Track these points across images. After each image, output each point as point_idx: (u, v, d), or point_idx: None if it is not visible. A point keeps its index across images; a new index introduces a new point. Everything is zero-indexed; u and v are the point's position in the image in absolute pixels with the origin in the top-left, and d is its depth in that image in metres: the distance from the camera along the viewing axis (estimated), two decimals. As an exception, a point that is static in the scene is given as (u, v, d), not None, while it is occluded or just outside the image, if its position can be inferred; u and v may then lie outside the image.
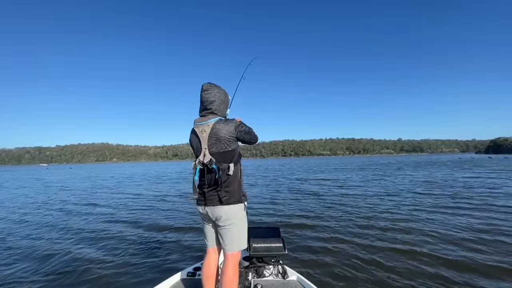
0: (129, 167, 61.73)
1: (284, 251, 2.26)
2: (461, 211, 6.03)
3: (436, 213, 5.86)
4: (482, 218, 5.28)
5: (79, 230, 5.18)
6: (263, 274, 2.26)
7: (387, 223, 5.14)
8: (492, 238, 4.09)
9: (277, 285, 2.15)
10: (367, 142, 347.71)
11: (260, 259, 2.28)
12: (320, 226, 5.07)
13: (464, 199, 7.50)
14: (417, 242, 4.05)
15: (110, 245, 4.18)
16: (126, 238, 4.53)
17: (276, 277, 2.26)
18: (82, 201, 9.21)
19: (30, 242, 4.46)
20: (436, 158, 55.36)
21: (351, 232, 4.63)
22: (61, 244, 4.27)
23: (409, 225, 4.96)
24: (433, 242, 4.01)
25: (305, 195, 9.30)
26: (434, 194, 8.70)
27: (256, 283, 2.08)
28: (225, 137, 1.65)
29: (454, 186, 10.53)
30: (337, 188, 11.01)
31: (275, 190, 10.96)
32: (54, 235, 4.90)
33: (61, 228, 5.40)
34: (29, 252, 3.96)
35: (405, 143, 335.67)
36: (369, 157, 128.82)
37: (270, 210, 6.76)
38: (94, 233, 4.89)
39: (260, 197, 9.03)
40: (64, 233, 5.01)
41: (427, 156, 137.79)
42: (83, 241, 4.47)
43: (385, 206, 6.78)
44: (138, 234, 4.77)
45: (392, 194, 8.81)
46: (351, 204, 7.23)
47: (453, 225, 4.85)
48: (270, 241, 2.28)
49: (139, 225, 5.45)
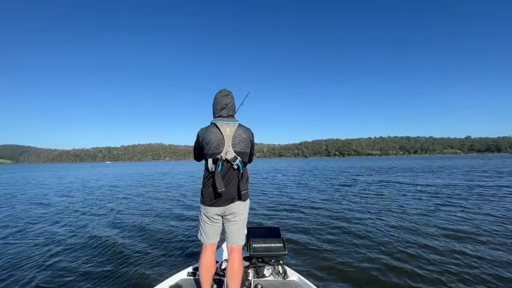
0: (165, 165, 66.88)
1: (284, 251, 2.27)
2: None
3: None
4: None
5: (78, 230, 5.07)
6: (263, 274, 2.28)
7: (390, 224, 4.98)
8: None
9: (277, 285, 2.16)
10: (425, 140, 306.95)
11: (260, 259, 2.33)
12: (321, 227, 4.93)
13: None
14: (418, 242, 3.96)
15: (110, 245, 4.09)
16: (126, 238, 4.47)
17: (276, 277, 2.27)
18: (88, 199, 9.36)
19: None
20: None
21: (352, 233, 4.53)
22: (61, 244, 4.27)
23: (413, 225, 4.74)
24: (434, 240, 3.58)
25: (306, 195, 9.05)
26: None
27: (256, 283, 2.11)
28: (246, 140, 1.83)
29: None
30: (336, 189, 10.49)
31: (280, 190, 10.76)
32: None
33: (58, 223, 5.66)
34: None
35: (475, 141, 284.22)
36: (427, 158, 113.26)
37: (271, 210, 6.68)
38: (94, 234, 4.76)
39: (262, 197, 8.96)
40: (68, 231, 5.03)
41: (509, 156, 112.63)
42: (83, 241, 4.37)
43: (388, 204, 6.03)
44: (138, 234, 4.71)
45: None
46: (353, 206, 6.91)
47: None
48: (270, 241, 2.31)
49: (139, 225, 5.33)
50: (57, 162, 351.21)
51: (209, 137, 1.75)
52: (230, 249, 1.87)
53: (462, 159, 59.77)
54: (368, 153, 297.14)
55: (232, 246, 1.86)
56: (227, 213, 1.81)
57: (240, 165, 1.77)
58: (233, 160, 1.73)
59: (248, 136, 1.85)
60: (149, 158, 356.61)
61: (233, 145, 1.76)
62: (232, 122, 1.82)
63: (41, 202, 8.83)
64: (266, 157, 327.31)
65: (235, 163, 1.74)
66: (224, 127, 1.77)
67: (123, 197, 9.84)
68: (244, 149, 1.81)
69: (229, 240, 1.87)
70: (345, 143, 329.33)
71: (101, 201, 8.90)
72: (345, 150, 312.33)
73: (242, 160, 1.79)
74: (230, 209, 1.79)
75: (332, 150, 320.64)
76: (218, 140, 1.75)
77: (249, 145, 1.86)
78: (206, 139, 1.76)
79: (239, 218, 1.84)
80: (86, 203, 8.38)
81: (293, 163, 65.06)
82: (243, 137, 1.81)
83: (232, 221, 1.83)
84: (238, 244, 1.86)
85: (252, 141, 1.90)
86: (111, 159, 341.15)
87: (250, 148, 1.87)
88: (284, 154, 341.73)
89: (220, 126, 1.77)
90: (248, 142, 1.84)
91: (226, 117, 1.85)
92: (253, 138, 1.91)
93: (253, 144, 1.92)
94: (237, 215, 1.82)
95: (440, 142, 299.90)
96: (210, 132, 1.76)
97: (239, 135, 1.80)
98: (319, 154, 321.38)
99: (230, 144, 1.75)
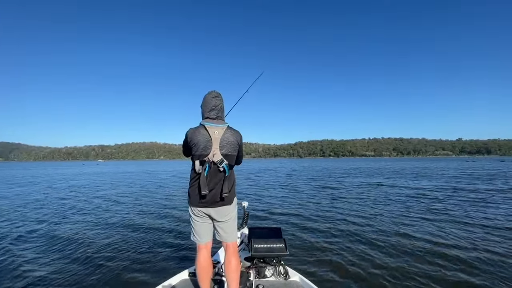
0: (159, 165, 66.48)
1: (285, 251, 2.28)
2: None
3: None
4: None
5: (77, 228, 5.08)
6: (265, 275, 2.29)
7: (391, 226, 4.99)
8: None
9: (279, 286, 2.17)
10: (418, 142, 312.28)
11: (261, 259, 2.33)
12: (322, 227, 4.95)
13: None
14: (419, 243, 3.99)
15: (110, 245, 4.08)
16: (126, 238, 4.45)
17: (277, 278, 2.28)
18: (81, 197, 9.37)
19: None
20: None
21: (353, 233, 4.54)
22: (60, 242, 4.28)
23: (411, 229, 4.75)
24: (435, 240, 3.62)
25: (307, 196, 9.10)
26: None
27: (257, 284, 2.11)
28: (234, 143, 1.84)
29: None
30: (339, 190, 10.58)
31: (279, 191, 10.78)
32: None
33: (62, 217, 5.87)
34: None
35: (466, 143, 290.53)
36: (420, 159, 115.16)
37: (271, 210, 6.69)
38: (93, 234, 4.71)
39: (263, 197, 8.98)
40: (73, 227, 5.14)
41: (498, 158, 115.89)
42: (83, 240, 4.33)
43: (389, 210, 6.17)
44: (138, 235, 4.67)
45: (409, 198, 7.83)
46: (355, 207, 6.95)
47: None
48: (271, 242, 2.31)
49: (139, 225, 5.29)
50: (49, 160, 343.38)
51: (197, 138, 1.76)
52: (225, 246, 1.90)
53: (452, 161, 60.78)
54: (363, 154, 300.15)
55: (227, 243, 1.89)
56: (215, 214, 1.82)
57: (226, 167, 1.78)
58: (220, 162, 1.74)
59: (236, 139, 1.85)
60: (143, 157, 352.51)
61: (221, 148, 1.77)
62: (221, 124, 1.82)
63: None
64: (261, 157, 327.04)
65: (221, 166, 1.75)
66: (213, 129, 1.78)
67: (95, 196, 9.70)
68: (231, 152, 1.82)
69: (221, 238, 1.90)
70: (339, 144, 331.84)
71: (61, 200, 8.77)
72: (340, 150, 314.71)
73: (228, 163, 1.79)
74: (219, 211, 1.81)
75: (326, 151, 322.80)
76: (206, 142, 1.75)
77: (236, 148, 1.86)
78: (194, 140, 1.76)
79: (228, 218, 1.86)
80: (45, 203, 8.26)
81: (285, 163, 65.17)
82: (230, 140, 1.82)
83: (221, 221, 1.85)
84: (231, 241, 1.90)
85: (240, 144, 1.91)
86: (104, 158, 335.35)
87: (237, 151, 1.88)
88: (279, 154, 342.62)
89: (208, 128, 1.77)
90: (235, 145, 1.85)
91: (215, 119, 1.85)
92: (241, 141, 1.91)
93: (241, 147, 1.93)
94: (224, 215, 1.84)
95: (432, 144, 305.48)
96: (199, 134, 1.77)
97: (227, 138, 1.80)
98: (314, 155, 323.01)
99: (218, 146, 1.76)
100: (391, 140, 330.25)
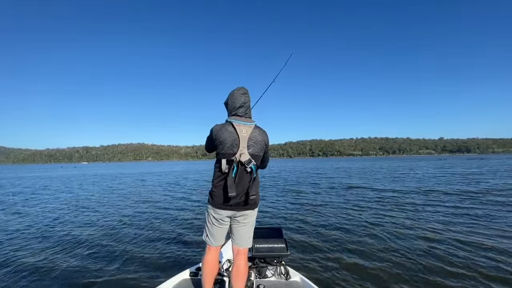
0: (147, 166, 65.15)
1: (286, 251, 2.27)
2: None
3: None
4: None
5: (80, 228, 5.04)
6: (266, 275, 2.28)
7: (392, 226, 4.98)
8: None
9: (280, 286, 2.16)
10: (403, 141, 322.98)
11: (262, 259, 2.32)
12: (323, 228, 4.96)
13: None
14: (419, 243, 3.98)
15: (111, 245, 4.08)
16: (127, 238, 4.44)
17: (278, 278, 2.27)
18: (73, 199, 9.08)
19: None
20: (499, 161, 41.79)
21: (354, 234, 4.53)
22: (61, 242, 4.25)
23: (412, 228, 4.76)
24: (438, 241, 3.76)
25: (309, 196, 9.11)
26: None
27: (258, 284, 2.10)
28: (261, 143, 1.75)
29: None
30: (339, 190, 10.61)
31: (280, 191, 10.76)
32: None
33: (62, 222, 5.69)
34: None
35: (448, 142, 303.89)
36: (405, 158, 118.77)
37: (272, 210, 6.69)
38: (95, 233, 4.73)
39: (263, 197, 8.96)
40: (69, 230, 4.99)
41: (476, 156, 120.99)
42: (82, 240, 4.35)
43: (389, 210, 6.34)
44: (139, 234, 4.64)
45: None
46: (355, 207, 6.96)
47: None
48: (272, 242, 2.31)
49: (139, 225, 5.27)
50: (29, 163, 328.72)
51: (223, 135, 1.66)
52: (237, 251, 1.82)
53: (434, 160, 62.86)
54: (350, 153, 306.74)
55: (239, 248, 1.82)
56: (238, 215, 1.76)
57: (254, 168, 1.69)
58: (247, 163, 1.64)
59: (263, 138, 1.77)
60: (130, 159, 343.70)
61: (248, 147, 1.68)
62: (249, 122, 1.73)
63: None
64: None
65: (249, 166, 1.65)
66: (241, 127, 1.68)
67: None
68: (258, 152, 1.73)
69: (236, 242, 1.83)
70: (328, 144, 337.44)
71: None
72: (328, 150, 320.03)
73: (256, 163, 1.71)
74: (245, 213, 1.75)
75: (316, 151, 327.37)
76: (233, 140, 1.66)
77: (263, 148, 1.77)
78: (220, 137, 1.66)
79: (249, 221, 1.81)
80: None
81: (276, 163, 65.33)
82: (258, 139, 1.73)
83: (241, 223, 1.79)
84: (245, 247, 1.83)
85: (267, 144, 1.81)
86: (88, 160, 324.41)
87: (264, 151, 1.79)
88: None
89: (236, 126, 1.67)
90: (263, 145, 1.76)
91: (243, 117, 1.75)
92: (268, 141, 1.82)
93: (267, 148, 1.83)
94: (247, 217, 1.79)
95: (416, 143, 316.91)
96: (225, 131, 1.67)
97: (255, 137, 1.71)
98: (303, 154, 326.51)
99: (245, 145, 1.66)
100: (377, 139, 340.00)
